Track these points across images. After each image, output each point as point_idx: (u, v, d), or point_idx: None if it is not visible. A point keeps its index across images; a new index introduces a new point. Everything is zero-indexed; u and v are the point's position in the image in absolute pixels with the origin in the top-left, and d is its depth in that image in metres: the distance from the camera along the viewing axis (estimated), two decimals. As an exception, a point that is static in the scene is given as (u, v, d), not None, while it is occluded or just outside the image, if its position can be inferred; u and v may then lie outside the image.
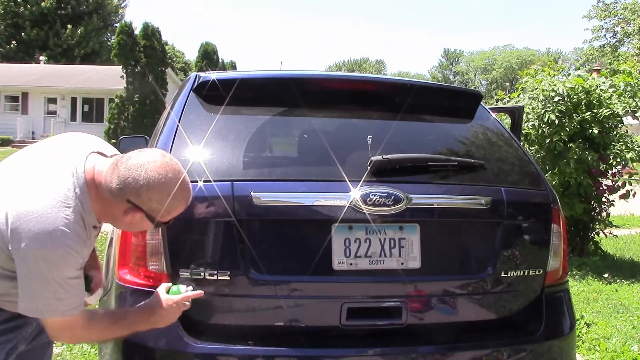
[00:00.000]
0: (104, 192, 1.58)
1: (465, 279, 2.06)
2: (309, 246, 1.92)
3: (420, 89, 2.37)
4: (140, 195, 1.55)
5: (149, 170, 1.54)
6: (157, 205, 1.57)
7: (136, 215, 1.59)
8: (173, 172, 1.57)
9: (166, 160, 1.59)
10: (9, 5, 36.91)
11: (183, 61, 52.92)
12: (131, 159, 1.57)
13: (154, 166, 1.55)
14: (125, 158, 1.59)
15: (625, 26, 36.05)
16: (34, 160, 1.66)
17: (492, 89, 59.13)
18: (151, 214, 1.59)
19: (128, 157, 1.58)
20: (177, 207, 1.61)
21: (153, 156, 1.59)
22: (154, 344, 1.85)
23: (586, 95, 6.01)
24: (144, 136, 3.63)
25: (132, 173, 1.54)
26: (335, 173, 1.94)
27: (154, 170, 1.55)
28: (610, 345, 3.70)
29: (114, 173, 1.56)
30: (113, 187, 1.56)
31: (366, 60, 77.10)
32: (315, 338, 1.92)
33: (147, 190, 1.54)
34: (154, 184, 1.54)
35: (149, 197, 1.55)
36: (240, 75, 2.29)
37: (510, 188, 2.13)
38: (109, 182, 1.57)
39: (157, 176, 1.54)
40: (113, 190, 1.56)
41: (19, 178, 1.59)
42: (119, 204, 1.58)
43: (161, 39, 26.50)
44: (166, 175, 1.55)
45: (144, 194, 1.54)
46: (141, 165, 1.55)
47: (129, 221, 1.62)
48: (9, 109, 28.75)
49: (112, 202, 1.58)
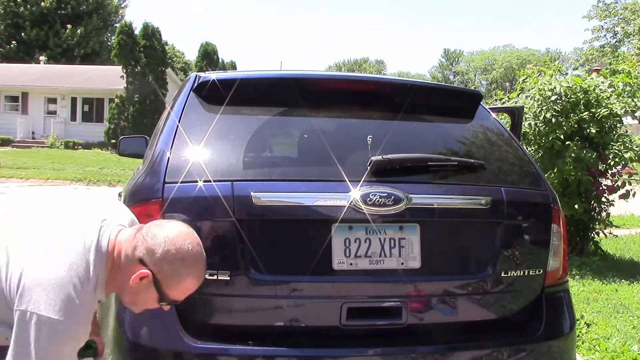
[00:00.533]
0: (119, 259, 1.55)
1: (465, 279, 2.06)
2: (309, 246, 1.92)
3: (420, 89, 2.37)
4: (154, 254, 1.51)
5: (171, 231, 1.54)
6: (168, 269, 1.52)
7: (143, 280, 1.53)
8: (193, 242, 1.55)
9: (189, 230, 1.58)
10: (9, 5, 36.91)
11: (183, 61, 52.92)
12: (154, 223, 1.58)
13: (176, 229, 1.55)
14: (149, 223, 1.59)
15: (625, 26, 36.05)
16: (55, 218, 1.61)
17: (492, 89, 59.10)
18: (159, 279, 1.53)
19: (151, 223, 1.59)
20: (187, 278, 1.55)
21: (177, 224, 1.59)
22: (154, 343, 1.85)
23: (584, 94, 6.01)
24: (144, 136, 3.64)
25: (152, 233, 1.53)
26: (335, 173, 1.94)
27: (176, 232, 1.54)
28: (610, 345, 3.70)
29: (135, 236, 1.55)
30: (131, 247, 1.54)
31: (366, 60, 77.11)
32: (315, 338, 1.92)
33: (162, 251, 1.51)
34: (171, 244, 1.52)
35: (163, 258, 1.51)
36: (240, 75, 2.29)
37: (511, 188, 2.13)
38: (128, 245, 1.55)
39: (177, 238, 1.53)
40: (130, 251, 1.54)
41: (39, 235, 1.53)
42: (130, 266, 1.53)
43: (161, 39, 26.54)
44: (186, 240, 1.54)
45: (159, 253, 1.51)
46: (163, 226, 1.56)
47: (135, 286, 1.54)
48: (9, 109, 28.76)
49: (123, 266, 1.55)
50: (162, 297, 1.56)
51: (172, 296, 1.57)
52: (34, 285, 1.42)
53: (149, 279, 1.53)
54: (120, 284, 1.57)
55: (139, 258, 1.52)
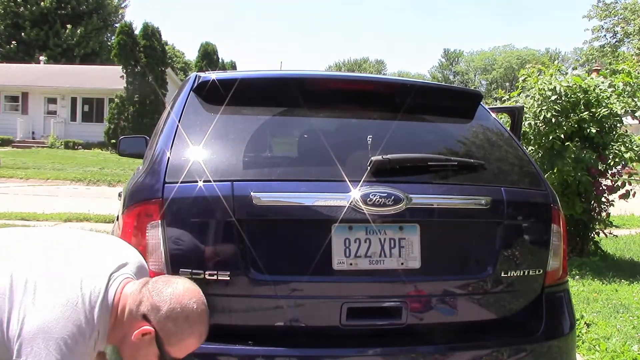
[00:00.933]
0: (123, 313, 1.55)
1: (465, 279, 2.06)
2: (309, 246, 1.92)
3: (420, 89, 2.37)
4: (159, 311, 1.51)
5: (177, 288, 1.53)
6: (171, 326, 1.51)
7: (146, 336, 1.52)
8: (198, 300, 1.55)
9: (196, 288, 1.58)
10: (9, 5, 36.92)
11: (183, 61, 52.93)
12: (161, 279, 1.58)
13: (182, 286, 1.55)
14: (154, 279, 1.59)
15: (625, 26, 36.05)
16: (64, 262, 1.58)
17: (492, 89, 59.12)
18: (161, 336, 1.52)
19: (158, 278, 1.59)
20: (189, 337, 1.54)
21: (183, 281, 1.59)
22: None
23: (584, 94, 6.01)
24: (144, 136, 3.64)
25: (158, 289, 1.53)
26: (335, 173, 1.94)
27: (182, 289, 1.54)
28: (610, 345, 3.70)
29: (140, 290, 1.55)
30: (135, 302, 1.53)
31: (366, 60, 77.10)
32: (315, 338, 1.92)
33: (167, 308, 1.51)
34: (176, 301, 1.51)
35: (167, 315, 1.51)
36: (240, 75, 2.29)
37: (510, 188, 2.13)
38: (132, 301, 1.54)
39: (183, 295, 1.53)
40: (134, 306, 1.53)
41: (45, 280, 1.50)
42: (133, 321, 1.53)
43: (161, 39, 26.54)
44: (191, 298, 1.54)
45: (163, 310, 1.51)
46: (170, 282, 1.55)
47: (135, 342, 1.54)
48: (9, 109, 28.76)
49: (127, 321, 1.54)
50: (163, 354, 1.55)
51: (173, 354, 1.56)
52: (35, 336, 1.41)
53: (151, 336, 1.52)
54: (122, 338, 1.57)
55: (143, 314, 1.52)
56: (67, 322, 1.44)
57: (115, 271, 1.60)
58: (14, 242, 1.65)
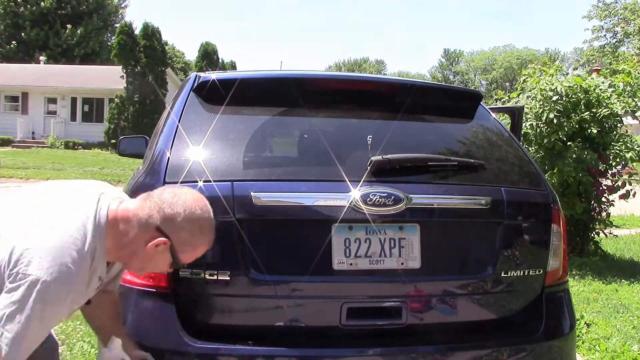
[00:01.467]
0: (129, 224, 1.56)
1: (465, 279, 2.06)
2: (309, 246, 1.92)
3: (420, 89, 2.37)
4: (174, 223, 1.55)
5: (187, 200, 1.57)
6: (186, 236, 1.57)
7: (160, 246, 1.56)
8: (207, 208, 1.60)
9: (202, 197, 1.62)
10: (9, 5, 36.91)
11: (183, 61, 52.92)
12: (165, 191, 1.60)
13: (191, 197, 1.58)
14: (158, 190, 1.61)
15: (625, 26, 36.05)
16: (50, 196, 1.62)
17: (492, 89, 59.08)
18: (177, 245, 1.57)
19: (162, 190, 1.62)
20: (201, 245, 1.61)
21: (188, 189, 1.62)
22: (154, 343, 1.85)
23: (585, 94, 6.01)
24: (144, 136, 3.64)
25: (169, 201, 1.56)
26: (335, 173, 1.94)
27: (192, 200, 1.57)
28: (610, 345, 3.70)
29: (145, 204, 1.57)
30: (144, 214, 1.56)
31: (366, 60, 77.09)
32: (315, 338, 1.92)
33: (182, 219, 1.55)
34: (190, 212, 1.55)
35: (182, 226, 1.55)
36: (240, 75, 2.29)
37: (511, 188, 2.13)
38: (139, 213, 1.56)
39: (194, 206, 1.56)
40: (143, 218, 1.55)
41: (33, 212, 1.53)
42: (145, 233, 1.56)
43: (161, 39, 26.54)
44: (202, 208, 1.58)
45: (178, 221, 1.55)
46: (178, 194, 1.58)
47: (149, 253, 1.57)
48: (9, 109, 28.76)
49: (137, 233, 1.56)
50: (175, 261, 1.61)
51: (184, 260, 1.62)
52: (28, 251, 1.41)
53: (166, 246, 1.57)
54: (131, 251, 1.59)
55: (157, 226, 1.55)
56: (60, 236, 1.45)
57: (105, 192, 1.64)
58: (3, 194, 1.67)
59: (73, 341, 3.52)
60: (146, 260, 1.61)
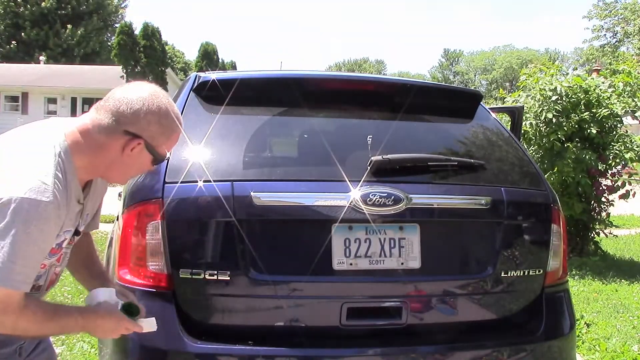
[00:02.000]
0: (94, 137, 1.48)
1: (465, 279, 2.06)
2: (309, 246, 1.92)
3: (420, 89, 2.37)
4: (139, 120, 1.47)
5: (142, 94, 1.48)
6: (157, 128, 1.49)
7: (136, 147, 1.49)
8: (163, 94, 1.52)
9: (152, 86, 1.54)
10: (9, 5, 36.91)
11: (183, 61, 52.94)
12: (116, 92, 1.50)
13: (144, 91, 1.50)
14: (108, 95, 1.52)
15: (625, 26, 36.06)
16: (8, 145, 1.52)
17: (492, 89, 59.11)
18: (151, 141, 1.50)
19: (112, 92, 1.52)
20: (174, 131, 1.54)
21: (138, 84, 1.54)
22: (154, 343, 1.85)
23: (585, 94, 6.01)
24: (144, 136, 3.63)
25: (124, 100, 1.47)
26: (335, 173, 1.94)
27: (146, 94, 1.49)
28: (610, 345, 3.70)
29: (101, 112, 1.48)
30: (105, 122, 1.46)
31: (366, 61, 77.10)
32: (315, 338, 1.92)
33: (145, 113, 1.46)
34: (150, 104, 1.47)
35: (148, 120, 1.47)
36: (240, 75, 2.29)
37: (511, 188, 2.13)
38: (98, 122, 1.47)
39: (151, 97, 1.48)
40: (105, 126, 1.46)
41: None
42: (116, 140, 1.48)
43: (161, 39, 26.55)
44: (158, 97, 1.50)
45: (142, 117, 1.46)
46: (130, 92, 1.49)
47: (127, 159, 1.51)
48: (9, 109, 28.75)
49: (106, 144, 1.48)
50: (155, 157, 1.54)
51: (163, 153, 1.55)
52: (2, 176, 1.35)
53: (141, 146, 1.50)
54: (107, 163, 1.52)
55: (124, 130, 1.47)
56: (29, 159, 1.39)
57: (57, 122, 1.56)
58: None
59: (73, 341, 3.52)
60: (126, 166, 1.55)
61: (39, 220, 1.34)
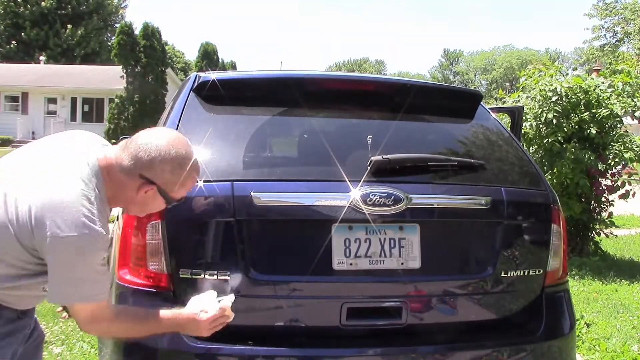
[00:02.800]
0: (116, 174, 1.61)
1: (465, 279, 2.06)
2: (309, 246, 1.92)
3: (420, 89, 2.37)
4: (153, 168, 1.58)
5: (160, 143, 1.59)
6: (170, 176, 1.60)
7: (149, 191, 1.61)
8: (183, 144, 1.63)
9: (173, 133, 1.66)
10: (9, 5, 36.88)
11: (183, 61, 52.91)
12: (140, 137, 1.62)
13: (163, 138, 1.61)
14: (134, 137, 1.63)
15: (625, 26, 36.05)
16: (44, 156, 1.67)
17: (492, 89, 59.07)
18: (164, 187, 1.61)
19: (137, 136, 1.63)
20: (188, 179, 1.64)
21: (162, 131, 1.66)
22: (154, 343, 1.85)
23: (585, 95, 6.01)
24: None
25: (144, 147, 1.58)
26: (335, 173, 1.94)
27: (165, 142, 1.59)
28: (610, 345, 3.70)
29: (124, 152, 1.60)
30: (125, 164, 1.59)
31: (366, 60, 77.07)
32: (315, 338, 1.92)
33: (160, 162, 1.58)
34: (165, 154, 1.58)
35: (162, 169, 1.58)
36: (240, 75, 2.29)
37: (511, 188, 2.13)
38: (120, 161, 1.60)
39: (168, 147, 1.59)
40: (125, 167, 1.59)
41: (34, 173, 1.60)
42: (132, 181, 1.60)
43: (161, 39, 26.50)
44: (177, 147, 1.60)
45: (157, 165, 1.58)
46: (151, 139, 1.60)
47: (141, 199, 1.64)
48: (9, 109, 28.72)
49: (125, 182, 1.61)
50: (168, 201, 1.66)
51: (177, 197, 1.66)
52: (45, 213, 1.49)
53: (154, 190, 1.61)
54: (126, 198, 1.65)
55: (140, 174, 1.59)
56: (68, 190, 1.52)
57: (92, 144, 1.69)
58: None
59: (73, 341, 3.52)
60: (143, 205, 1.68)
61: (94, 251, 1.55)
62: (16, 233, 1.52)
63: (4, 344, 1.66)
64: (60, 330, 3.70)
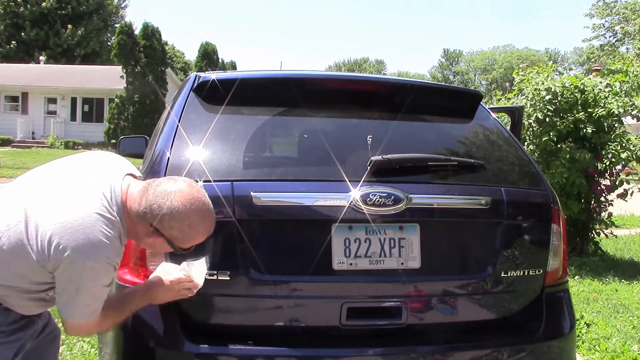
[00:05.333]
0: (132, 214, 1.66)
1: (465, 279, 2.06)
2: (309, 246, 1.92)
3: (420, 89, 2.37)
4: (162, 223, 1.63)
5: (174, 199, 1.62)
6: (177, 233, 1.65)
7: (157, 239, 1.67)
8: (197, 203, 1.65)
9: (193, 191, 1.66)
10: (9, 5, 36.88)
11: (183, 61, 52.90)
12: (160, 185, 1.65)
13: (180, 196, 1.63)
14: (155, 183, 1.67)
15: (625, 25, 36.04)
16: (69, 175, 1.72)
17: (492, 89, 59.00)
18: (172, 240, 1.66)
19: (158, 183, 1.67)
20: (196, 237, 1.68)
21: (181, 185, 1.66)
22: (154, 344, 1.85)
23: (582, 94, 6.00)
24: (144, 136, 3.64)
25: (159, 200, 1.62)
26: (335, 173, 1.94)
27: (179, 200, 1.62)
28: (610, 345, 3.70)
29: (142, 197, 1.65)
30: (140, 210, 1.64)
31: (366, 60, 77.05)
32: (315, 338, 1.92)
33: (169, 219, 1.62)
34: (176, 213, 1.62)
35: (170, 226, 1.63)
36: (240, 75, 2.28)
37: (510, 188, 2.13)
38: (136, 205, 1.65)
39: (181, 207, 1.62)
40: (139, 213, 1.64)
41: (56, 192, 1.64)
42: (143, 226, 1.66)
43: (161, 39, 26.55)
44: (190, 207, 1.63)
45: (166, 222, 1.62)
46: (168, 193, 1.63)
47: (150, 243, 1.71)
48: (9, 109, 28.74)
49: (137, 225, 1.67)
50: (176, 249, 1.71)
51: (186, 247, 1.71)
52: (62, 233, 1.53)
53: (162, 240, 1.66)
54: (137, 235, 1.70)
55: (150, 223, 1.64)
56: (87, 214, 1.57)
57: (116, 171, 1.75)
58: (20, 183, 1.76)
59: (73, 341, 3.52)
60: (149, 247, 1.76)
61: (105, 274, 1.62)
62: (35, 254, 1.56)
63: (12, 339, 1.71)
64: (60, 329, 3.70)
